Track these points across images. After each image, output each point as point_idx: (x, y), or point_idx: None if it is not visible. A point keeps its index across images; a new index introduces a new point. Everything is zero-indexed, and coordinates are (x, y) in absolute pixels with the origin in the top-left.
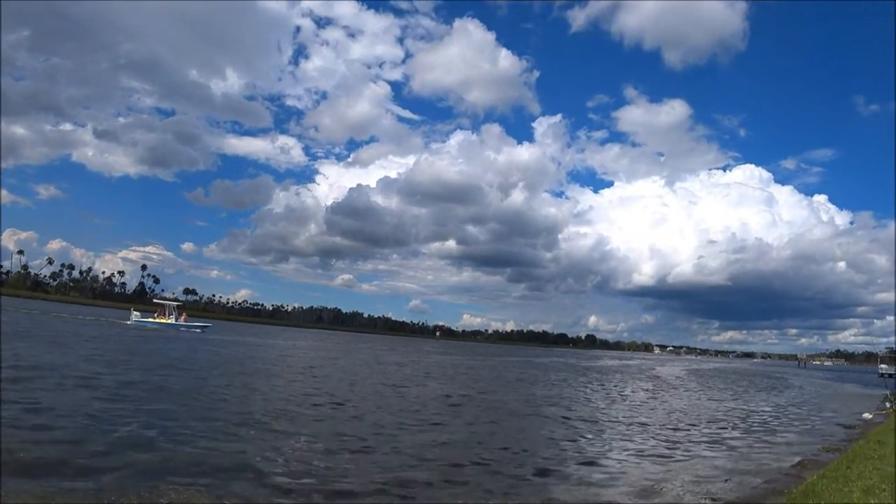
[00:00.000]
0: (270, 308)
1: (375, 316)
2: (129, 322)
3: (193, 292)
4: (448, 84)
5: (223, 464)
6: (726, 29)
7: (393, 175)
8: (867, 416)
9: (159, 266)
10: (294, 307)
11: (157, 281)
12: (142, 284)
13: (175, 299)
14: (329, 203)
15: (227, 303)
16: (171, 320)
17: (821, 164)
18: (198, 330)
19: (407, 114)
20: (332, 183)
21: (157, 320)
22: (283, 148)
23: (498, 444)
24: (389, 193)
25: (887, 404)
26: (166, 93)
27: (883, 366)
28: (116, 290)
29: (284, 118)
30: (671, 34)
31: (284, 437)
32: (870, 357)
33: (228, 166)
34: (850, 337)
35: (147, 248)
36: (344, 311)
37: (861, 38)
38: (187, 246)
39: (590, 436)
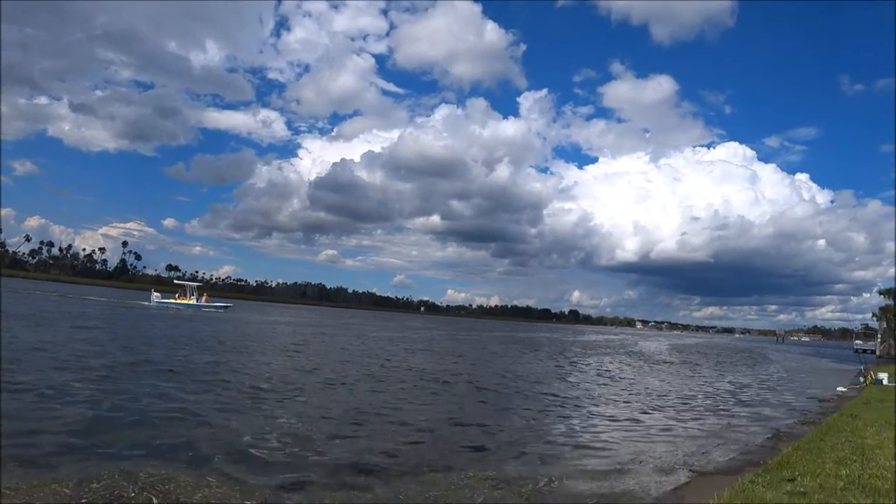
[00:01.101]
0: (254, 284)
1: (360, 291)
2: (150, 304)
3: (176, 269)
4: (433, 57)
5: (205, 442)
6: (715, 5)
7: (377, 149)
8: (841, 389)
9: (140, 242)
10: (278, 283)
11: (138, 258)
12: (123, 261)
13: (192, 279)
14: (312, 178)
15: (211, 279)
16: (193, 301)
17: (804, 143)
18: (220, 310)
19: (391, 87)
20: (315, 157)
21: (179, 301)
22: (265, 121)
23: (483, 420)
24: (373, 168)
25: (861, 379)
26: (144, 65)
27: (858, 341)
28: (98, 267)
29: (266, 91)
30: (659, 9)
31: (269, 415)
32: (846, 333)
33: (209, 140)
34: (827, 313)
35: (128, 225)
36: (328, 287)
37: (848, 17)
38: (169, 222)
39: (573, 410)
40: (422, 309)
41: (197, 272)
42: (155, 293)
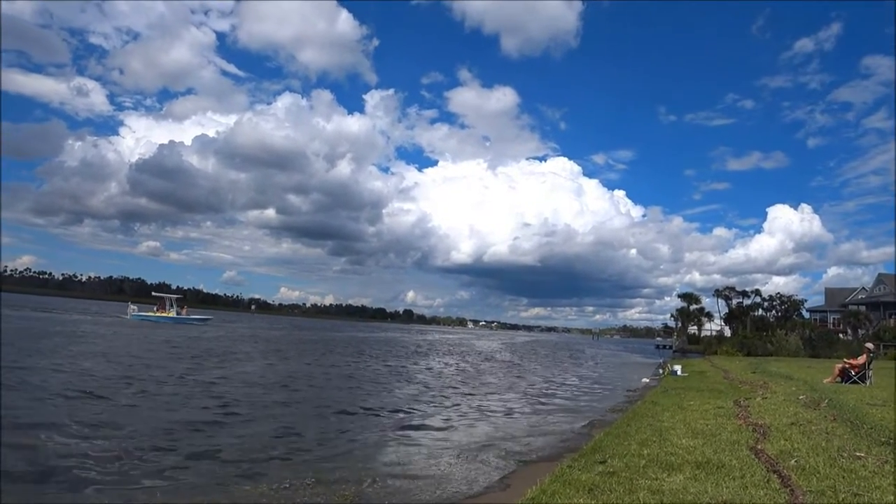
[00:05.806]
0: (60, 277)
1: (185, 288)
2: (127, 317)
3: None
4: (279, 40)
5: None
6: (561, 25)
7: (211, 134)
8: (645, 381)
9: None
10: (89, 277)
11: None
12: None
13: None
14: (134, 159)
15: (6, 271)
16: (172, 314)
17: (623, 163)
18: (199, 322)
19: (232, 69)
20: (140, 137)
21: (158, 314)
22: (81, 90)
23: (308, 426)
24: (206, 154)
25: (661, 371)
26: None
27: (659, 338)
28: None
29: (85, 56)
30: (511, 22)
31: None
32: (650, 331)
33: (9, 106)
34: (635, 314)
35: None
36: (149, 283)
37: (669, 57)
38: None
39: (411, 405)
40: (253, 307)
41: None
42: (132, 306)
